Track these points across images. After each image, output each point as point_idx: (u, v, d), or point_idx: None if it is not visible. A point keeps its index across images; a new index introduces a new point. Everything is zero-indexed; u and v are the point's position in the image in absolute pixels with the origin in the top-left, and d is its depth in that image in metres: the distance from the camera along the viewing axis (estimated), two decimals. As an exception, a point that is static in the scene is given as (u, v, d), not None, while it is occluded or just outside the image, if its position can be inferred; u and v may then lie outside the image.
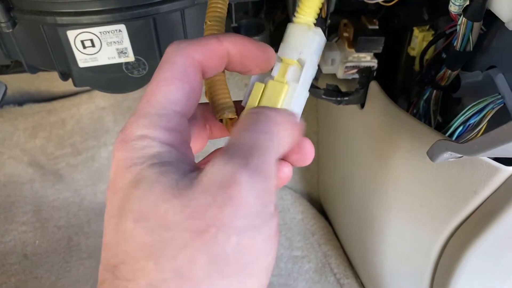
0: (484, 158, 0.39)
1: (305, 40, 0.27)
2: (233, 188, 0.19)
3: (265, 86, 0.26)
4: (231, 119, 0.27)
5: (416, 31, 0.52)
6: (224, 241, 0.19)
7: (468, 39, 0.40)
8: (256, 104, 0.26)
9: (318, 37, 0.27)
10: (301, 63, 0.27)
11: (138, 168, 0.21)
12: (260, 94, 0.26)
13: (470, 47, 0.41)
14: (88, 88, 0.86)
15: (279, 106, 0.26)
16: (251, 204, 0.19)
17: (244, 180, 0.19)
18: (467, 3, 0.37)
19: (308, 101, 0.28)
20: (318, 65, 0.51)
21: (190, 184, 0.20)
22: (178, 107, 0.23)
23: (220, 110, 0.27)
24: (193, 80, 0.24)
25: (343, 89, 0.51)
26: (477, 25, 0.39)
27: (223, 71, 0.27)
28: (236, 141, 0.21)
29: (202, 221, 0.19)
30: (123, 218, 0.20)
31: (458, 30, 0.40)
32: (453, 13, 0.39)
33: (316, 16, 0.27)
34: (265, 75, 0.27)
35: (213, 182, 0.19)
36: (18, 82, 0.85)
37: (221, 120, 0.27)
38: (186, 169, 0.21)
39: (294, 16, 0.27)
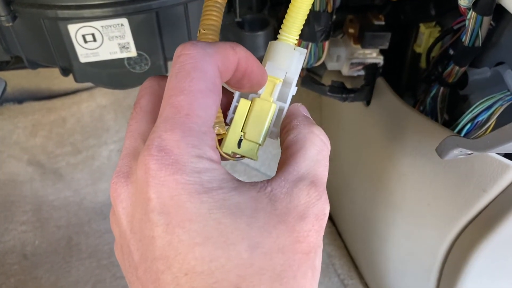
0: (494, 155, 0.38)
1: (291, 60, 0.27)
2: (324, 219, 0.23)
3: (251, 103, 0.27)
4: (219, 134, 0.27)
5: (422, 28, 0.52)
6: (317, 257, 0.23)
7: (477, 34, 0.40)
8: (243, 122, 0.26)
9: (302, 57, 0.28)
10: (287, 82, 0.27)
11: (218, 193, 0.21)
12: (247, 112, 0.27)
13: (479, 42, 0.40)
14: (88, 86, 0.85)
15: (266, 125, 0.26)
16: (324, 228, 0.24)
17: (327, 214, 0.24)
18: (478, -4, 0.36)
19: (311, 98, 0.29)
20: (323, 62, 0.51)
21: (288, 211, 0.22)
22: (213, 122, 0.23)
23: None
24: (220, 92, 0.24)
25: (348, 86, 0.51)
26: (486, 20, 0.38)
27: None
28: (309, 170, 0.24)
29: (307, 244, 0.22)
30: (230, 245, 0.21)
31: (467, 25, 0.39)
32: (462, 7, 0.38)
33: (299, 33, 0.28)
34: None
35: (311, 213, 0.23)
36: (17, 80, 0.84)
37: None
38: (253, 188, 0.23)
39: (279, 33, 0.28)
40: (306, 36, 0.45)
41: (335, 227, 0.77)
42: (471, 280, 0.46)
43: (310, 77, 0.50)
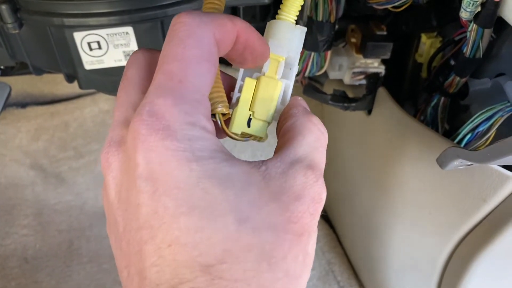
0: (494, 166, 0.39)
1: (293, 38, 0.27)
2: (320, 204, 0.22)
3: (257, 82, 0.26)
4: (223, 114, 0.26)
5: (424, 38, 0.52)
6: (310, 241, 0.22)
7: (478, 46, 0.40)
8: (250, 101, 0.26)
9: (303, 36, 0.27)
10: (289, 60, 0.27)
11: (209, 162, 0.20)
12: (253, 90, 0.26)
13: (480, 54, 0.41)
14: (91, 91, 0.85)
15: (275, 103, 0.26)
16: (319, 214, 0.23)
17: (324, 199, 0.23)
18: (479, 9, 0.37)
19: (313, 107, 0.28)
20: (325, 71, 0.51)
21: (282, 190, 0.21)
22: (207, 91, 0.22)
23: (213, 104, 0.26)
24: (216, 61, 0.23)
25: (350, 94, 0.51)
26: (487, 32, 0.39)
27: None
28: (306, 154, 0.23)
29: (300, 226, 0.21)
30: (218, 216, 0.20)
31: (468, 36, 0.40)
32: (464, 19, 0.38)
33: (297, 13, 0.27)
34: (253, 71, 0.27)
35: (307, 194, 0.22)
36: (21, 84, 0.85)
37: (213, 115, 0.26)
38: (247, 164, 0.22)
39: (277, 13, 0.27)
40: (308, 45, 0.45)
41: (335, 234, 0.77)
42: (470, 289, 0.46)
43: (312, 86, 0.50)
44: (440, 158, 0.36)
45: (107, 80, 0.44)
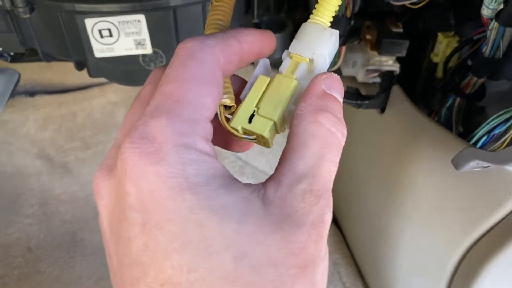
0: (511, 169, 0.38)
1: (320, 39, 0.25)
2: (322, 226, 0.20)
3: (271, 80, 0.24)
4: (229, 107, 0.24)
5: (440, 37, 0.51)
6: (318, 270, 0.20)
7: (499, 45, 0.39)
8: (259, 98, 0.24)
9: (334, 38, 0.25)
10: (313, 63, 0.25)
11: (204, 190, 0.19)
12: (264, 88, 0.24)
13: (500, 54, 0.40)
14: (100, 81, 0.85)
15: (285, 101, 0.24)
16: (326, 236, 0.21)
17: (327, 219, 0.21)
18: (501, 7, 0.36)
19: None
20: (338, 68, 0.50)
21: (282, 218, 0.19)
22: (208, 113, 0.21)
23: None
24: (221, 84, 0.22)
25: (363, 92, 0.50)
26: (509, 31, 0.38)
27: None
28: (307, 170, 0.21)
29: (303, 257, 0.19)
30: (213, 254, 0.18)
31: (488, 35, 0.39)
32: (485, 17, 0.37)
33: (332, 19, 0.26)
34: (270, 71, 0.25)
35: (307, 221, 0.20)
36: (30, 73, 0.84)
37: None
38: (246, 189, 0.20)
39: (311, 14, 0.26)
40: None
41: (342, 235, 0.76)
42: (480, 295, 0.45)
43: (324, 82, 0.49)
44: (455, 159, 0.35)
45: (117, 69, 0.44)
